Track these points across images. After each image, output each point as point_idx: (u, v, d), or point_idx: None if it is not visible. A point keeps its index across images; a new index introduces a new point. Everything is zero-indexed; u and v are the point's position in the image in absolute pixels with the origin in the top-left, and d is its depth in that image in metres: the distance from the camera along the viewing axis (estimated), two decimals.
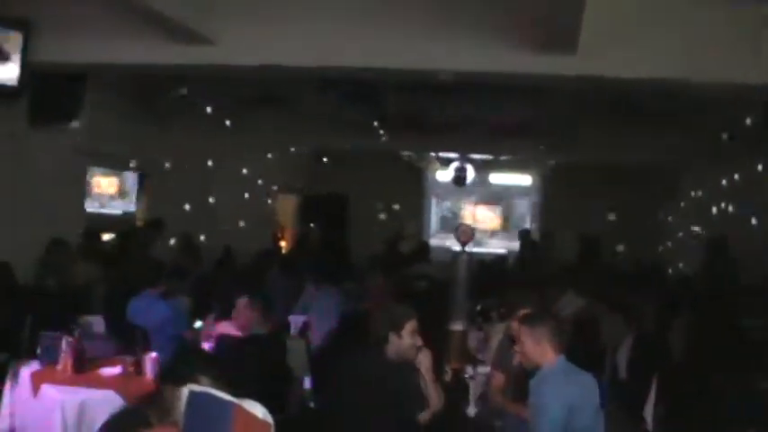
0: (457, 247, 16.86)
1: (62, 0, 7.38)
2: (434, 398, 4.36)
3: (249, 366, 5.20)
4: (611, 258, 14.51)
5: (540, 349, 4.38)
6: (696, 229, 14.00)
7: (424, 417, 4.24)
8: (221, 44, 7.37)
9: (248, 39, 7.38)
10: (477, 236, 16.64)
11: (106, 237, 11.40)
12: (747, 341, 6.56)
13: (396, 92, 11.62)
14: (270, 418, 2.31)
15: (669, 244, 15.69)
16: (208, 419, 2.17)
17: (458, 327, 5.64)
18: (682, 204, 15.02)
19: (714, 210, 12.80)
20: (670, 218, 15.85)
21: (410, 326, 4.41)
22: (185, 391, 2.28)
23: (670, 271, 12.84)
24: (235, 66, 7.70)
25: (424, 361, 4.48)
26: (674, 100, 9.79)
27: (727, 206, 12.33)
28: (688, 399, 5.82)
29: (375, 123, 13.35)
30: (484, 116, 12.53)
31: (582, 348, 5.65)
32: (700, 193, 14.03)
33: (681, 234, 14.97)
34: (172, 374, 3.31)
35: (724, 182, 12.17)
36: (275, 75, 8.75)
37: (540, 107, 11.62)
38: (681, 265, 13.08)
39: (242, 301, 5.74)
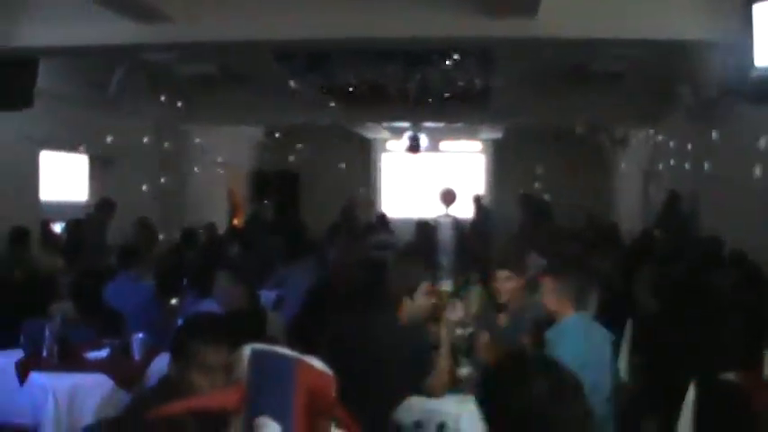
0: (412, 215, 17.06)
1: None
2: (445, 361, 4.33)
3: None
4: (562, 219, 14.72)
5: (560, 303, 4.51)
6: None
7: (430, 382, 4.20)
8: (178, 21, 7.26)
9: (205, 14, 7.28)
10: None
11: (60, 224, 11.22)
12: (713, 291, 6.70)
13: (346, 63, 11.53)
14: (329, 371, 2.35)
15: (618, 204, 16.03)
16: (271, 375, 2.21)
17: (446, 287, 5.70)
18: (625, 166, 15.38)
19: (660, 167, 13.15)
20: (618, 179, 16.19)
21: (424, 287, 4.38)
22: (247, 350, 2.31)
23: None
24: (193, 43, 7.62)
25: (450, 321, 4.57)
26: (621, 63, 9.97)
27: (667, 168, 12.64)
28: (663, 348, 5.96)
29: (325, 96, 13.25)
30: (434, 84, 12.55)
31: None
32: (645, 156, 14.38)
33: (628, 194, 15.32)
34: (181, 351, 3.31)
35: (671, 143, 12.41)
36: (233, 51, 8.67)
37: (489, 74, 11.69)
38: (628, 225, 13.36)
39: (225, 277, 5.69)
